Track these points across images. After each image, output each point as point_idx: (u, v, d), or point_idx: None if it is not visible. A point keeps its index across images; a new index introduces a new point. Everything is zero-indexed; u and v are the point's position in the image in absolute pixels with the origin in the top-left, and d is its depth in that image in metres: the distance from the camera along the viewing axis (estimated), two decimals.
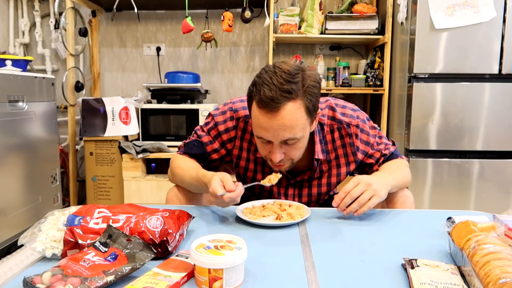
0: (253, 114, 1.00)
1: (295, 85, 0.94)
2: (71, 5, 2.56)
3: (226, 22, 2.55)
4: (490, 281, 0.57)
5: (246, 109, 1.14)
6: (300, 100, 0.95)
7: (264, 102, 0.93)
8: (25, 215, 2.10)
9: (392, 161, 1.20)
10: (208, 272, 0.64)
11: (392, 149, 1.21)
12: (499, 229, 0.73)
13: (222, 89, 3.04)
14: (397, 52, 2.42)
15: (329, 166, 1.19)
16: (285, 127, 0.95)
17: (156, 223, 0.77)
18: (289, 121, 0.94)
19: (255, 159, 1.19)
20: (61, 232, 0.76)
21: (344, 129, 1.15)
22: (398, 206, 1.15)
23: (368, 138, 1.18)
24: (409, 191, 1.19)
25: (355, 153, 1.17)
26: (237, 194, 0.94)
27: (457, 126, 2.17)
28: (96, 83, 2.96)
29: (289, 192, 1.21)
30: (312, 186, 1.21)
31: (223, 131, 1.17)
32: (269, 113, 0.94)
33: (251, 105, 1.00)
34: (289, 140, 0.98)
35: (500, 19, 2.07)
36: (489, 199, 2.20)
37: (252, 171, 1.21)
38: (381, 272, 0.72)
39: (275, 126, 0.95)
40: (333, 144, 1.17)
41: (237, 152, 1.20)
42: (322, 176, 1.20)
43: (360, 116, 1.18)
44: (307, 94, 0.96)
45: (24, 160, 2.09)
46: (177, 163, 1.19)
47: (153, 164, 2.65)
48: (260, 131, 0.98)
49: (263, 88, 0.93)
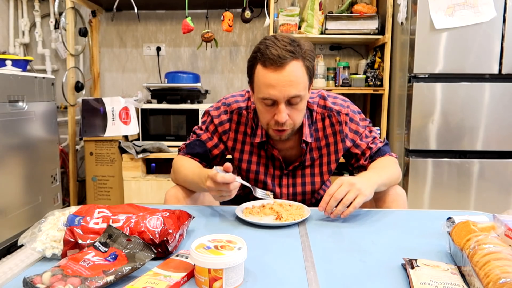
0: (258, 76, 1.04)
1: (296, 48, 1.01)
2: (71, 5, 2.56)
3: (226, 22, 2.55)
4: (490, 281, 0.57)
5: (238, 103, 1.22)
6: (301, 61, 1.02)
7: (271, 60, 0.99)
8: (25, 215, 2.10)
9: (379, 159, 1.20)
10: (208, 272, 0.64)
11: (380, 145, 1.22)
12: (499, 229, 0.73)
13: (222, 89, 3.04)
14: (397, 52, 2.42)
15: (320, 154, 1.22)
16: (291, 82, 1.01)
17: (156, 223, 0.77)
18: (295, 77, 1.01)
19: (250, 151, 1.23)
20: (61, 232, 0.76)
21: (334, 116, 1.20)
22: (389, 204, 1.14)
23: (357, 127, 1.21)
24: (401, 188, 1.18)
25: (344, 140, 1.21)
26: (230, 178, 0.94)
27: (457, 126, 2.17)
28: (96, 83, 2.96)
29: (283, 182, 1.24)
30: (305, 175, 1.24)
31: (218, 124, 1.23)
32: (277, 70, 1.00)
33: (254, 71, 1.05)
34: (293, 99, 1.03)
35: (500, 19, 2.07)
36: (489, 199, 2.20)
37: (247, 162, 1.24)
38: (381, 272, 0.72)
39: (282, 82, 1.00)
40: (323, 131, 1.21)
41: (231, 144, 1.24)
42: (313, 165, 1.23)
43: (350, 107, 1.23)
44: (307, 56, 1.04)
45: (24, 160, 2.09)
46: (180, 163, 1.22)
47: (153, 164, 2.65)
48: (267, 89, 1.02)
49: (268, 50, 1.00)
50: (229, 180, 0.94)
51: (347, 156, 1.26)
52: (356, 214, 1.04)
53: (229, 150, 1.25)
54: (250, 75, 1.09)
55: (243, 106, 1.22)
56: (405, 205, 1.16)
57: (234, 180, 0.96)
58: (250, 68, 1.08)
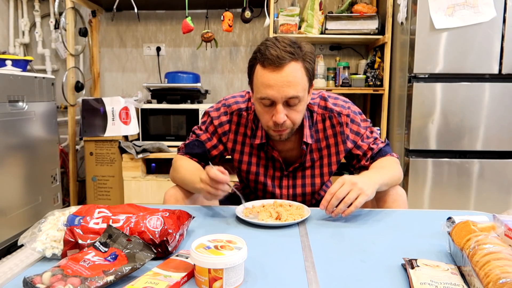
0: (257, 76, 1.05)
1: (296, 49, 1.02)
2: (71, 5, 2.56)
3: (226, 22, 2.55)
4: (490, 281, 0.57)
5: (238, 104, 1.22)
6: (301, 62, 1.03)
7: (270, 60, 1.00)
8: (25, 215, 2.10)
9: (381, 159, 1.20)
10: (208, 272, 0.64)
11: (381, 145, 1.22)
12: (499, 229, 0.72)
13: (222, 89, 3.04)
14: (397, 52, 2.42)
15: (320, 155, 1.22)
16: (289, 83, 1.01)
17: (156, 223, 0.77)
18: (293, 78, 1.01)
19: (250, 152, 1.23)
20: (61, 232, 0.76)
21: (335, 118, 1.20)
22: (390, 205, 1.14)
23: (358, 128, 1.21)
24: (401, 188, 1.18)
25: (345, 142, 1.21)
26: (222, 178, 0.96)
27: (457, 126, 2.17)
28: (96, 83, 2.96)
29: (283, 184, 1.24)
30: (306, 177, 1.23)
31: (218, 125, 1.23)
32: (275, 70, 1.01)
33: (254, 71, 1.06)
34: (292, 100, 1.03)
35: (500, 19, 2.07)
36: (489, 199, 2.20)
37: (246, 163, 1.24)
38: (381, 272, 0.72)
39: (280, 82, 1.01)
40: (324, 133, 1.21)
41: (231, 145, 1.24)
42: (314, 166, 1.23)
43: (351, 108, 1.22)
44: (307, 58, 1.04)
45: (24, 160, 2.09)
46: (179, 163, 1.22)
47: (153, 164, 2.65)
48: (265, 89, 1.03)
49: (268, 50, 1.01)
50: (220, 179, 0.96)
51: (348, 157, 1.26)
52: (356, 214, 1.04)
53: (229, 151, 1.25)
54: (250, 75, 1.10)
55: (243, 107, 1.22)
56: (406, 206, 1.16)
57: (225, 182, 0.97)
58: (250, 68, 1.09)
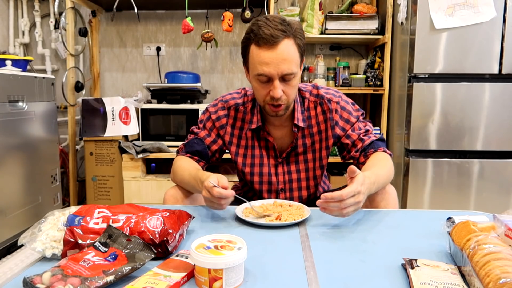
0: (253, 56, 1.09)
1: (287, 27, 1.07)
2: (71, 5, 2.56)
3: (226, 22, 2.55)
4: (490, 281, 0.57)
5: (235, 99, 1.29)
6: (293, 39, 1.08)
7: (264, 39, 1.05)
8: (25, 215, 2.10)
9: (376, 157, 1.17)
10: (208, 272, 0.64)
11: (373, 138, 1.21)
12: (499, 229, 0.72)
13: (222, 89, 3.04)
14: (397, 52, 2.42)
15: (312, 141, 1.25)
16: (284, 60, 1.06)
17: (156, 223, 0.77)
18: (287, 55, 1.06)
19: (245, 145, 1.27)
20: (61, 232, 0.76)
21: (326, 104, 1.24)
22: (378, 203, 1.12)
23: (349, 116, 1.24)
24: (391, 186, 1.16)
25: (333, 127, 1.23)
26: (227, 194, 0.96)
27: (457, 126, 2.17)
28: (96, 83, 2.96)
29: (279, 171, 1.27)
30: (299, 162, 1.27)
31: (216, 119, 1.28)
32: (270, 48, 1.05)
33: (249, 51, 1.10)
34: (287, 76, 1.08)
35: (500, 19, 2.07)
36: (489, 199, 2.20)
37: (242, 156, 1.28)
38: (381, 272, 0.71)
39: (276, 59, 1.05)
40: (316, 118, 1.24)
41: (228, 138, 1.28)
42: (306, 151, 1.26)
43: (342, 97, 1.26)
44: (297, 34, 1.09)
45: (24, 160, 2.09)
46: (179, 163, 1.24)
47: (153, 164, 2.65)
48: (261, 67, 1.07)
49: (261, 30, 1.05)
50: (225, 196, 0.96)
51: (340, 148, 1.27)
52: (356, 214, 1.04)
53: (226, 144, 1.29)
54: (245, 56, 1.14)
55: (240, 102, 1.28)
56: (396, 204, 1.13)
57: (230, 196, 0.97)
58: (244, 49, 1.13)
